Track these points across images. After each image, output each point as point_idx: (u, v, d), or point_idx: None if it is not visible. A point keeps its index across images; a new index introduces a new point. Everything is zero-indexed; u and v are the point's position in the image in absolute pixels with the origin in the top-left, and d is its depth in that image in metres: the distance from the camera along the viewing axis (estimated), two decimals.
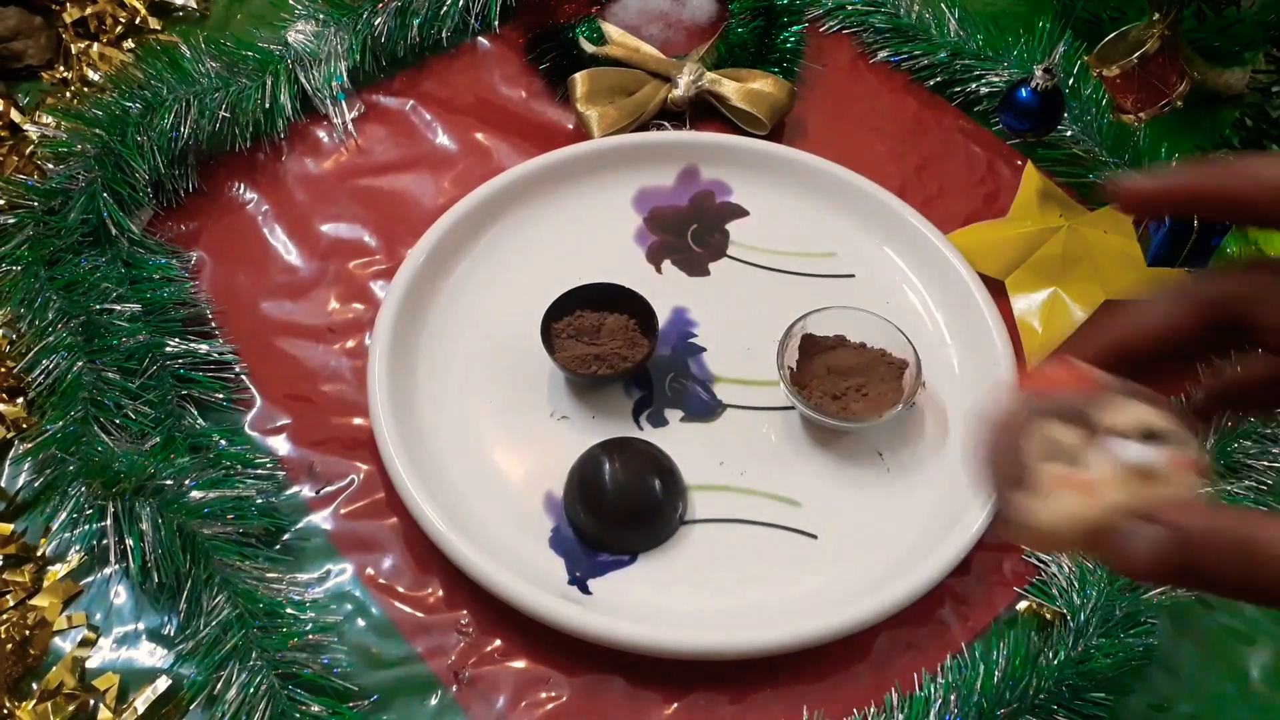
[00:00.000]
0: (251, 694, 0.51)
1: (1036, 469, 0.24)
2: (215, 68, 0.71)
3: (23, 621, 0.54)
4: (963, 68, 0.77)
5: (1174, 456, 0.24)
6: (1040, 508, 0.24)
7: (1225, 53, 0.77)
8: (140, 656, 0.54)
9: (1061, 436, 0.25)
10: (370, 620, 0.56)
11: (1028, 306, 0.66)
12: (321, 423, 0.62)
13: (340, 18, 0.74)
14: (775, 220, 0.70)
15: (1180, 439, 0.24)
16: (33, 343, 0.60)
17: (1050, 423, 0.25)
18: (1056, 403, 0.25)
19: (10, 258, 0.63)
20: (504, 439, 0.61)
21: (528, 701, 0.54)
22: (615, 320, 0.62)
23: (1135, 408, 0.25)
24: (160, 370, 0.61)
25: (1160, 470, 0.24)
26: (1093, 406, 0.25)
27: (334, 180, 0.72)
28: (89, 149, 0.66)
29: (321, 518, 0.59)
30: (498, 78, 0.77)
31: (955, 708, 0.52)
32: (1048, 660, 0.53)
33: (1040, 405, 0.25)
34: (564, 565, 0.56)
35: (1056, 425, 0.25)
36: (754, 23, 0.77)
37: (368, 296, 0.67)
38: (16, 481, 0.59)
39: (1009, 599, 0.58)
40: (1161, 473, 0.24)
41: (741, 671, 0.54)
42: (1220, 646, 0.57)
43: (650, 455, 0.58)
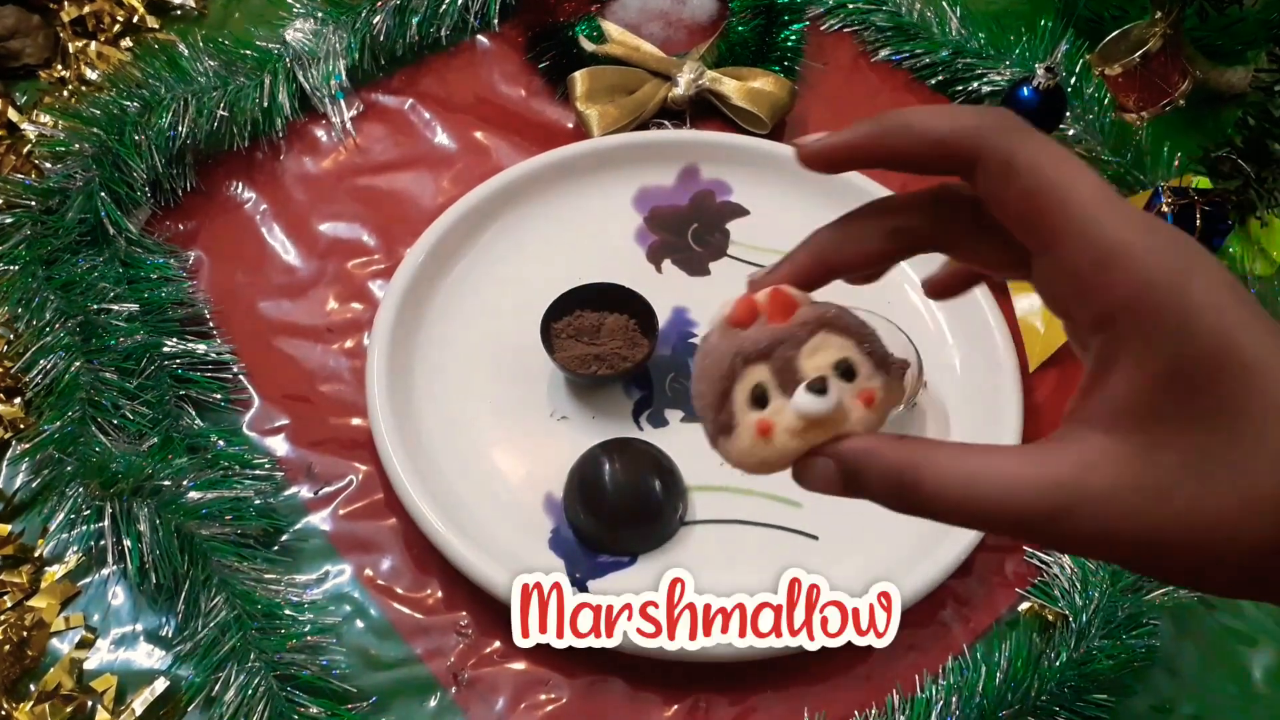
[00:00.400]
0: (250, 695, 0.51)
1: (741, 415, 0.27)
2: (213, 66, 0.70)
3: (20, 623, 0.54)
4: (964, 66, 0.77)
5: (858, 389, 0.27)
6: (730, 447, 0.28)
7: (1228, 51, 0.77)
8: (138, 658, 0.54)
9: (763, 379, 0.27)
10: (369, 621, 0.56)
11: (1030, 306, 0.66)
12: (320, 423, 0.62)
13: (339, 16, 0.74)
14: (776, 220, 0.70)
15: (868, 371, 0.27)
16: (30, 342, 0.60)
17: (755, 366, 0.27)
18: (758, 345, 0.27)
19: (8, 257, 0.63)
20: (504, 439, 0.61)
21: (527, 703, 0.53)
22: (615, 320, 0.62)
23: (832, 342, 0.27)
24: (158, 370, 0.60)
25: (833, 414, 0.26)
26: (791, 346, 0.27)
27: (333, 179, 0.72)
28: (87, 148, 0.66)
29: (320, 518, 0.59)
30: (497, 76, 0.77)
31: (957, 709, 0.52)
32: (1049, 661, 0.53)
33: (744, 349, 0.27)
34: (564, 566, 0.56)
35: (760, 367, 0.27)
36: (754, 21, 0.77)
37: (366, 296, 0.67)
38: (14, 482, 0.59)
39: (1010, 600, 0.57)
40: (838, 415, 0.26)
41: (741, 672, 0.54)
42: (1222, 647, 0.57)
43: (650, 455, 0.58)
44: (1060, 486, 0.23)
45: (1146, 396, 0.23)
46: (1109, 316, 0.23)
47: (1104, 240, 0.23)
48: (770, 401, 0.27)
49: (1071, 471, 0.24)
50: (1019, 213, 0.25)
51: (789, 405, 0.27)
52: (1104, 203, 0.24)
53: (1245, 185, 0.63)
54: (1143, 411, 0.23)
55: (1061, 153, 0.24)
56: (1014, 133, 0.25)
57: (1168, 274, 0.23)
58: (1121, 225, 0.23)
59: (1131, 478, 0.23)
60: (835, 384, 0.26)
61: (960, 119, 0.25)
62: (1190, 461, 0.23)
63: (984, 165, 0.25)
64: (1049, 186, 0.24)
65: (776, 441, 0.27)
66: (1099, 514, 0.23)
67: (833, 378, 0.27)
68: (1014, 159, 0.24)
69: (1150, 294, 0.23)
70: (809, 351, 0.27)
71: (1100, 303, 0.24)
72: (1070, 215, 0.24)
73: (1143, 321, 0.23)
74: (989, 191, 0.25)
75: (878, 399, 0.27)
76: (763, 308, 0.28)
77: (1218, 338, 0.22)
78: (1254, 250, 0.68)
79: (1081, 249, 0.24)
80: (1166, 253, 0.23)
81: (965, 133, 0.25)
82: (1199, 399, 0.23)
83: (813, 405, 0.26)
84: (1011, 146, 0.25)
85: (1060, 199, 0.24)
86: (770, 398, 0.27)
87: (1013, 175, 0.24)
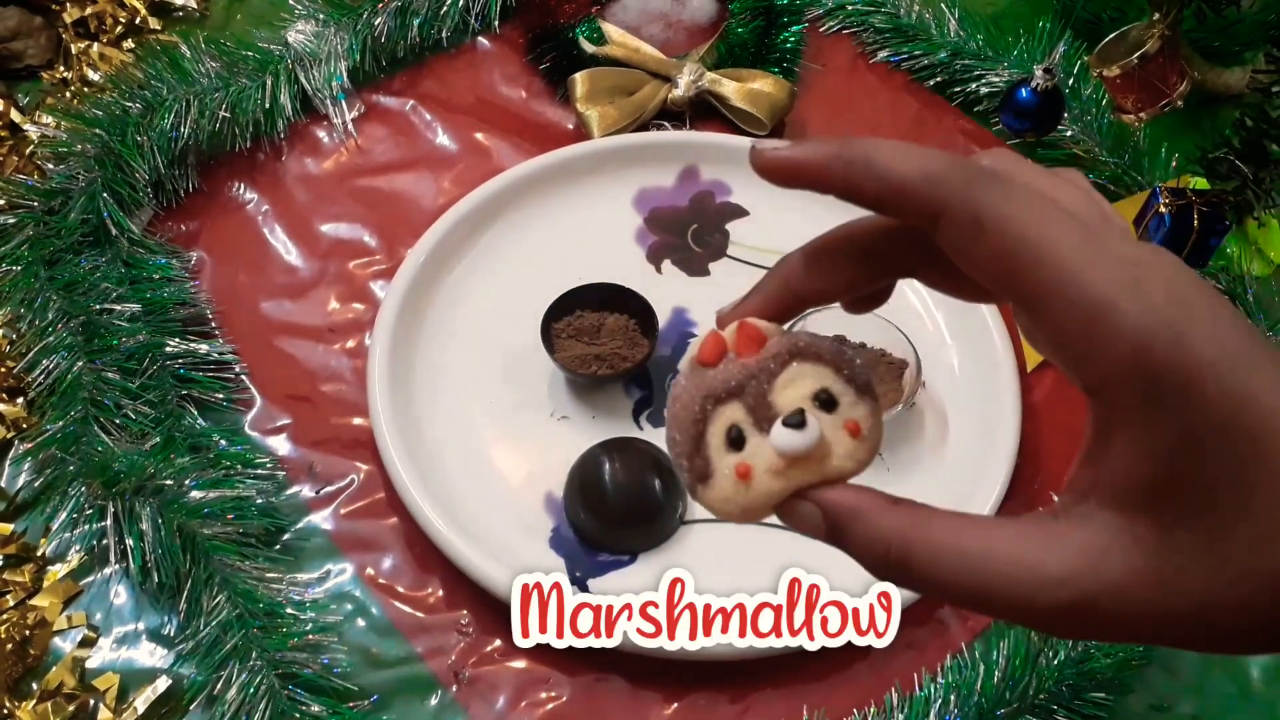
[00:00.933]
0: (251, 694, 0.51)
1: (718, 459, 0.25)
2: (215, 68, 0.71)
3: (23, 621, 0.54)
4: (963, 68, 0.77)
5: (842, 420, 0.25)
6: (709, 496, 0.26)
7: (1225, 52, 0.77)
8: (140, 656, 0.54)
9: (737, 418, 0.25)
10: (370, 620, 0.56)
11: None
12: (321, 423, 0.62)
13: (340, 18, 0.74)
14: (775, 220, 0.70)
15: (851, 399, 0.25)
16: (33, 343, 0.60)
17: (727, 405, 0.25)
18: (727, 383, 0.25)
19: (10, 258, 0.63)
20: (504, 439, 0.61)
21: (528, 701, 0.54)
22: (615, 320, 0.62)
23: (807, 372, 0.25)
24: (160, 370, 0.61)
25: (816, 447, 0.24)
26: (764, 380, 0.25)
27: (334, 180, 0.72)
28: (89, 149, 0.66)
29: (321, 518, 0.59)
30: (498, 78, 0.77)
31: (955, 708, 0.52)
32: (1048, 660, 0.53)
33: (713, 389, 0.25)
34: (564, 565, 0.56)
35: (733, 406, 0.25)
36: (754, 23, 0.77)
37: (368, 296, 0.67)
38: (17, 481, 0.59)
39: None
40: (821, 449, 0.24)
41: (741, 670, 0.54)
42: None
43: (650, 455, 0.58)
44: (1074, 579, 0.22)
45: (1154, 473, 0.21)
46: (1104, 383, 0.21)
47: (1088, 301, 0.21)
48: (747, 442, 0.25)
49: (1082, 560, 0.22)
50: (991, 272, 0.22)
51: (767, 443, 0.25)
52: (1085, 256, 0.21)
53: (1243, 186, 0.64)
54: (1153, 489, 0.21)
55: (1033, 202, 0.22)
56: (982, 186, 0.22)
57: (1163, 333, 0.20)
58: (1106, 280, 0.21)
59: (1146, 566, 0.22)
60: (815, 415, 0.25)
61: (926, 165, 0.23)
62: (1201, 539, 0.21)
63: (949, 221, 0.22)
64: (1021, 245, 0.22)
65: (758, 485, 0.25)
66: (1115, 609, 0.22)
67: (812, 409, 0.25)
68: (983, 217, 0.22)
69: (1145, 360, 0.21)
70: (783, 384, 0.25)
71: (1092, 370, 0.22)
72: (1048, 276, 0.21)
73: (1141, 390, 0.21)
74: (956, 249, 0.23)
75: (864, 429, 0.25)
76: (730, 343, 0.26)
77: (1223, 401, 0.20)
78: (1251, 251, 0.68)
79: (1065, 312, 0.21)
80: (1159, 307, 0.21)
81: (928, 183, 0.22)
82: (1207, 472, 0.21)
83: (792, 441, 0.24)
84: (979, 202, 0.22)
85: (1035, 258, 0.21)
86: (747, 438, 0.25)
87: (983, 235, 0.22)
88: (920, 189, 0.23)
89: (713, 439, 0.25)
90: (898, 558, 0.23)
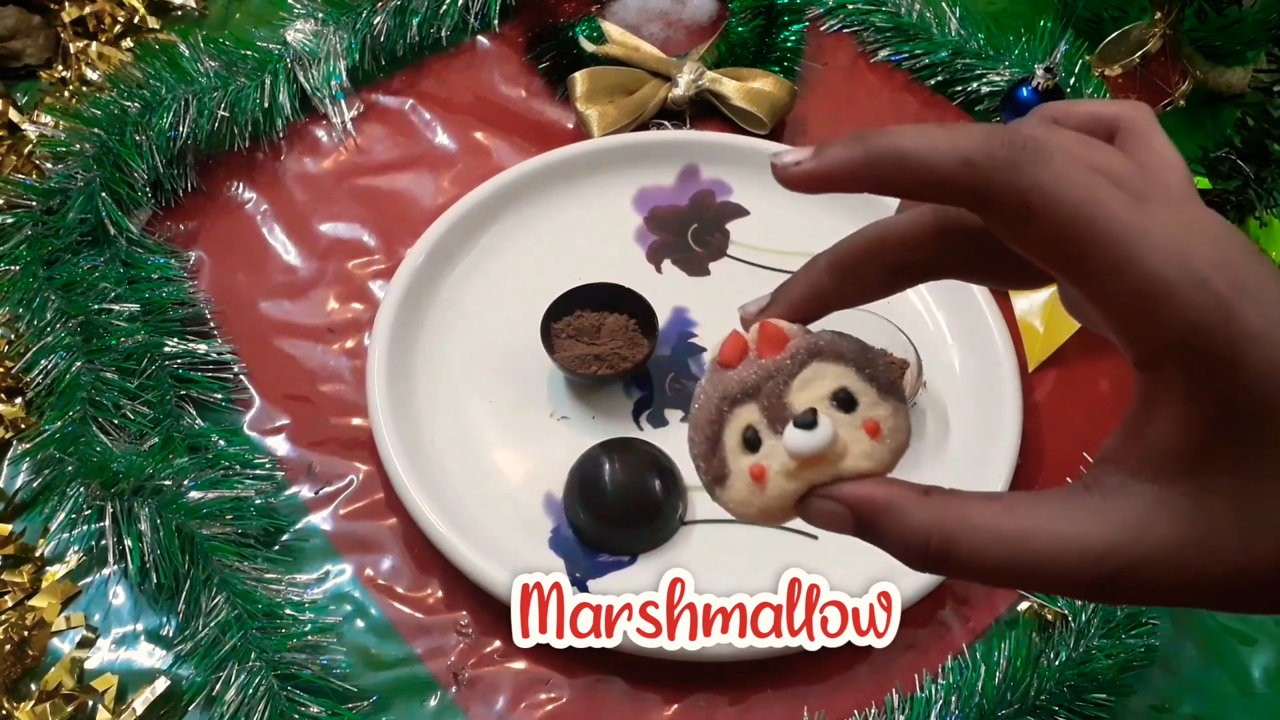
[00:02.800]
0: (250, 695, 0.51)
1: (733, 461, 0.25)
2: (214, 67, 0.71)
3: (21, 622, 0.54)
4: (964, 67, 0.77)
5: (861, 419, 0.25)
6: (724, 496, 0.25)
7: (1227, 52, 0.77)
8: (139, 657, 0.54)
9: (753, 420, 0.25)
10: (369, 621, 0.56)
11: (1029, 306, 0.66)
12: (320, 423, 0.62)
13: (339, 17, 0.74)
14: (775, 220, 0.70)
15: (871, 398, 0.25)
16: (31, 343, 0.60)
17: (744, 406, 0.25)
18: (744, 384, 0.25)
19: (9, 257, 0.63)
20: (504, 439, 0.61)
21: (527, 702, 0.54)
22: (615, 320, 0.62)
23: (827, 372, 0.25)
24: (159, 370, 0.60)
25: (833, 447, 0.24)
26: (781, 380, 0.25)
27: (333, 180, 0.72)
28: (87, 148, 0.66)
29: (320, 518, 0.59)
30: (497, 77, 0.77)
31: (956, 709, 0.52)
32: (1049, 661, 0.53)
33: (730, 391, 0.25)
34: (564, 565, 0.56)
35: (749, 407, 0.25)
36: (754, 22, 0.77)
37: (367, 296, 0.67)
38: (15, 482, 0.59)
39: (1010, 599, 0.57)
40: (837, 448, 0.24)
41: (742, 672, 0.54)
42: (1221, 647, 0.57)
43: (650, 455, 0.58)
44: (1115, 551, 0.22)
45: (1195, 442, 0.22)
46: (1152, 359, 0.22)
47: (1140, 282, 0.21)
48: (763, 444, 0.25)
49: (1125, 533, 0.22)
50: (1044, 254, 0.22)
51: (780, 444, 0.24)
52: (1136, 235, 0.21)
53: (1244, 185, 0.64)
54: (1191, 458, 0.22)
55: (1083, 178, 0.22)
56: (1026, 166, 0.22)
57: (1212, 311, 0.21)
58: (1158, 259, 0.21)
59: (1185, 533, 0.22)
60: (830, 415, 0.24)
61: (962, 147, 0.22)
62: (1238, 506, 0.22)
63: (996, 207, 0.22)
64: (1075, 227, 0.21)
65: (771, 487, 0.25)
66: (1158, 576, 0.22)
67: (827, 409, 0.24)
68: (1030, 200, 0.22)
69: (1194, 337, 0.21)
70: (801, 384, 0.25)
71: (1142, 347, 0.22)
72: (1101, 256, 0.21)
73: (1188, 366, 0.21)
74: (1004, 232, 0.23)
75: (884, 429, 0.25)
76: (752, 344, 0.26)
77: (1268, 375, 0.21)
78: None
79: (1118, 292, 0.21)
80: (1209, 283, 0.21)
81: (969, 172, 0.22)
82: (1248, 441, 0.21)
83: (802, 441, 0.24)
84: (1025, 185, 0.22)
85: (1088, 240, 0.21)
86: (762, 439, 0.25)
87: (1032, 217, 0.22)
88: (961, 178, 0.22)
89: (729, 441, 0.25)
90: (939, 549, 0.23)
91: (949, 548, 0.23)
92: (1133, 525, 0.22)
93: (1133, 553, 0.22)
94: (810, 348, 0.25)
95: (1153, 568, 0.22)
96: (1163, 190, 0.23)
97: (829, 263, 0.27)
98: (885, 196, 0.24)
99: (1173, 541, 0.22)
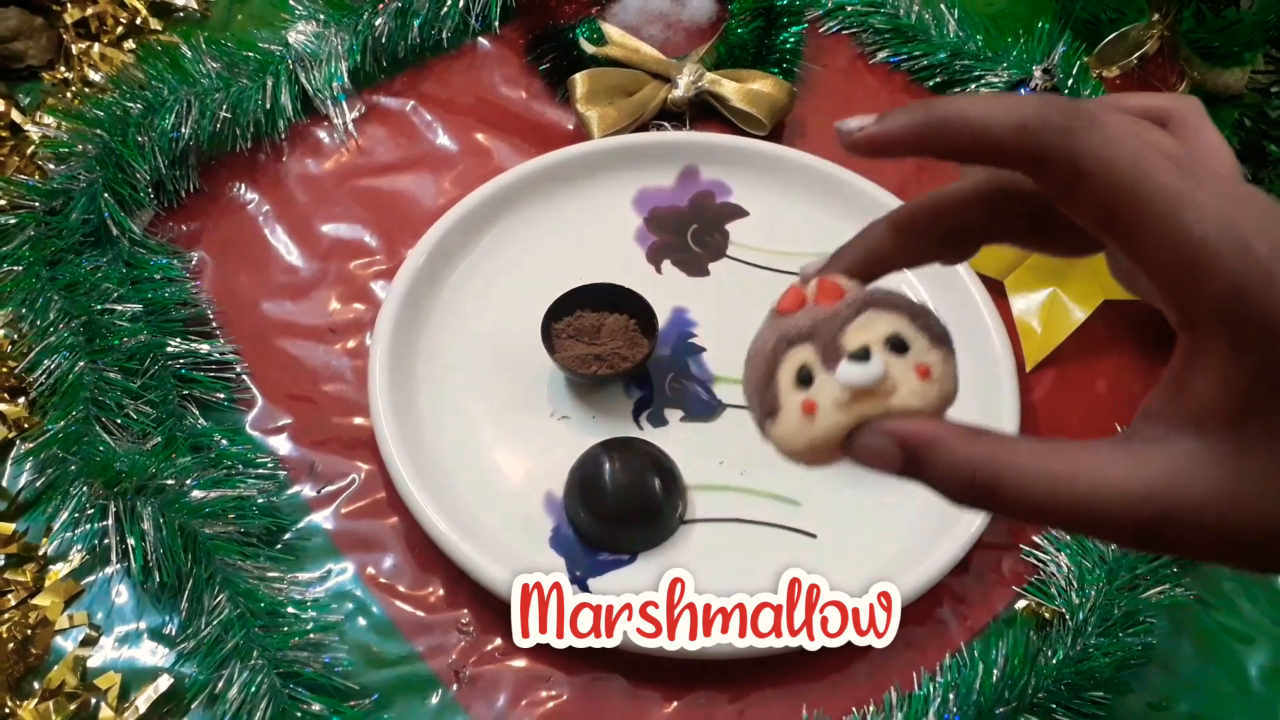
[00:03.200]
0: (253, 693, 0.51)
1: (785, 397, 0.26)
2: (216, 68, 0.71)
3: (24, 621, 0.54)
4: (962, 68, 0.77)
5: (912, 362, 0.25)
6: (774, 430, 0.26)
7: (1224, 53, 0.77)
8: (142, 655, 0.55)
9: (808, 359, 0.26)
10: (371, 619, 0.56)
11: (1027, 307, 0.66)
12: (322, 422, 0.62)
13: (340, 18, 0.74)
14: (775, 220, 0.70)
15: (923, 345, 0.26)
16: (34, 343, 0.60)
17: (799, 347, 0.26)
18: (800, 326, 0.26)
19: (11, 258, 0.63)
20: (504, 439, 0.61)
21: (528, 700, 0.54)
22: (615, 320, 0.62)
23: (880, 318, 0.26)
24: (161, 370, 0.61)
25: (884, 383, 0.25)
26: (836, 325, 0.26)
27: (334, 180, 0.72)
28: (90, 149, 0.67)
29: (322, 517, 0.59)
30: (498, 78, 0.77)
31: (954, 707, 0.52)
32: (1046, 659, 0.53)
33: (787, 332, 0.26)
34: (564, 564, 0.57)
35: (805, 348, 0.26)
36: (754, 23, 0.77)
37: (368, 297, 0.67)
38: (18, 481, 0.59)
39: (1008, 598, 0.58)
40: (888, 385, 0.25)
41: (741, 671, 0.54)
42: (1218, 646, 0.57)
43: (650, 455, 0.58)
44: (1155, 496, 0.23)
45: (1236, 401, 0.23)
46: (1197, 319, 0.23)
47: (1188, 245, 0.22)
48: (815, 380, 0.26)
49: (1165, 480, 0.23)
50: (1094, 218, 0.23)
51: (833, 379, 0.25)
52: (1184, 200, 0.22)
53: None
54: (1232, 416, 0.23)
55: (1134, 144, 0.23)
56: (1080, 132, 0.23)
57: (1257, 278, 0.22)
58: (1204, 224, 0.22)
59: (1224, 486, 0.23)
60: (882, 354, 0.25)
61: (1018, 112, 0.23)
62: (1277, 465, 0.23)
63: (1049, 169, 0.23)
64: (1125, 192, 0.23)
65: (822, 419, 0.25)
66: (1195, 523, 0.23)
67: (881, 350, 0.25)
68: (1082, 165, 0.23)
69: (1237, 300, 0.22)
70: (856, 328, 0.26)
71: (1187, 307, 0.23)
72: (1150, 219, 0.22)
73: (1231, 329, 0.22)
74: (1057, 196, 0.24)
75: (935, 373, 0.25)
76: (810, 297, 0.27)
77: None
78: None
79: (1165, 256, 0.22)
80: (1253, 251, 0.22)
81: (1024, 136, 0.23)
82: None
83: (856, 372, 0.25)
84: (1078, 149, 0.23)
85: (1140, 206, 0.22)
86: (815, 376, 0.26)
87: (1084, 181, 0.23)
88: (1017, 142, 0.23)
89: (783, 378, 0.26)
90: (985, 483, 0.24)
91: (995, 482, 0.24)
92: (1174, 474, 0.23)
93: (1172, 500, 0.23)
94: (866, 298, 0.26)
95: (1190, 516, 0.23)
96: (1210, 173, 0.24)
97: (889, 223, 0.28)
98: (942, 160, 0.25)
99: (1211, 493, 0.23)
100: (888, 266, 0.28)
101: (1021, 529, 0.59)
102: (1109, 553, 0.56)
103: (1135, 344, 0.66)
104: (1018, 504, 0.24)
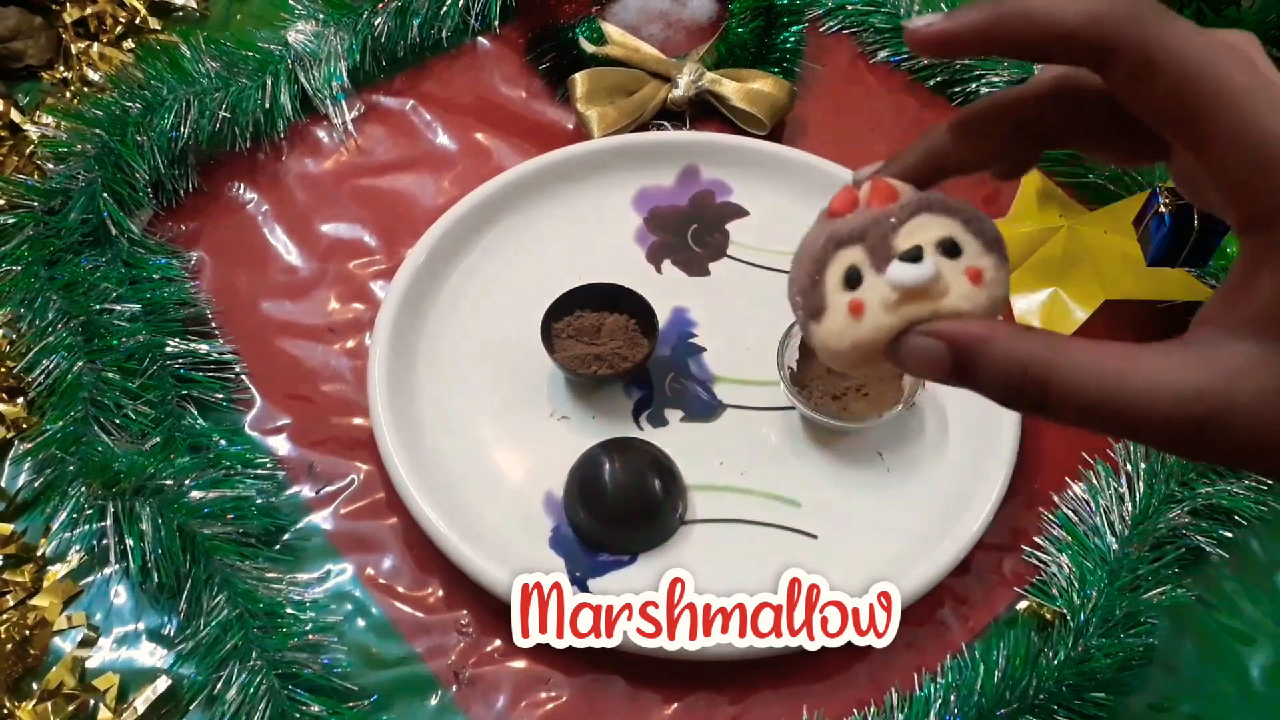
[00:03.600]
0: (251, 694, 0.51)
1: (832, 297, 0.25)
2: (215, 68, 0.71)
3: (23, 621, 0.54)
4: (963, 68, 0.77)
5: (964, 266, 0.25)
6: (818, 330, 0.26)
7: None
8: (140, 656, 0.54)
9: (856, 260, 0.25)
10: (370, 620, 0.56)
11: (1028, 307, 0.66)
12: (321, 423, 0.62)
13: (340, 18, 0.74)
14: (775, 220, 0.70)
15: (976, 250, 0.25)
16: (33, 343, 0.60)
17: (849, 248, 0.25)
18: (851, 228, 0.25)
19: (10, 258, 0.63)
20: (504, 439, 0.61)
21: (527, 701, 0.54)
22: (615, 320, 0.62)
23: (933, 222, 0.25)
24: (160, 370, 0.61)
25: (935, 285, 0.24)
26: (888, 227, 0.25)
27: (334, 180, 0.72)
28: (89, 149, 0.66)
29: (321, 518, 0.59)
30: (498, 78, 0.77)
31: (955, 708, 0.52)
32: (1048, 660, 0.53)
33: (838, 232, 0.26)
34: (564, 565, 0.56)
35: (854, 249, 0.25)
36: (754, 23, 0.77)
37: (368, 296, 0.67)
38: (17, 481, 0.59)
39: (1009, 599, 0.58)
40: (938, 287, 0.24)
41: (741, 672, 0.54)
42: (1220, 646, 0.57)
43: (650, 455, 0.58)
44: (1208, 395, 0.23)
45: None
46: (1263, 219, 0.22)
47: (1260, 142, 0.22)
48: (863, 281, 0.25)
49: (1220, 379, 0.23)
50: (1163, 112, 0.23)
51: (883, 280, 0.25)
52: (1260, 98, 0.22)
53: None
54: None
55: (1209, 41, 0.22)
56: (1152, 23, 0.22)
57: None
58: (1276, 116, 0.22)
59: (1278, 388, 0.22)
60: (934, 256, 0.25)
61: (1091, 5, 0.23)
62: None
63: (1119, 62, 0.23)
64: (1197, 84, 0.22)
65: (869, 319, 0.25)
66: (1246, 425, 0.22)
67: (931, 251, 0.25)
68: (1154, 55, 0.22)
69: None
70: (908, 231, 0.25)
71: (1254, 206, 0.22)
72: (1222, 115, 0.22)
73: None
74: (1126, 89, 0.23)
75: (986, 277, 0.25)
76: (862, 199, 0.26)
77: None
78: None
79: (1234, 151, 0.22)
80: None
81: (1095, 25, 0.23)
82: None
83: (907, 273, 0.24)
84: (1149, 39, 0.22)
85: (1211, 98, 0.22)
86: (864, 277, 0.25)
87: (1154, 72, 0.22)
88: (1088, 31, 0.23)
89: (830, 279, 0.25)
90: (1037, 377, 0.23)
91: (1047, 377, 0.23)
92: (1229, 375, 0.23)
93: (1226, 400, 0.22)
94: (920, 201, 0.26)
95: (1243, 419, 0.22)
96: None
97: (950, 125, 0.27)
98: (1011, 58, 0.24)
99: (1267, 396, 0.22)
100: (945, 170, 0.27)
101: (1022, 529, 0.59)
102: (1110, 553, 0.56)
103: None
104: (1070, 401, 0.23)
